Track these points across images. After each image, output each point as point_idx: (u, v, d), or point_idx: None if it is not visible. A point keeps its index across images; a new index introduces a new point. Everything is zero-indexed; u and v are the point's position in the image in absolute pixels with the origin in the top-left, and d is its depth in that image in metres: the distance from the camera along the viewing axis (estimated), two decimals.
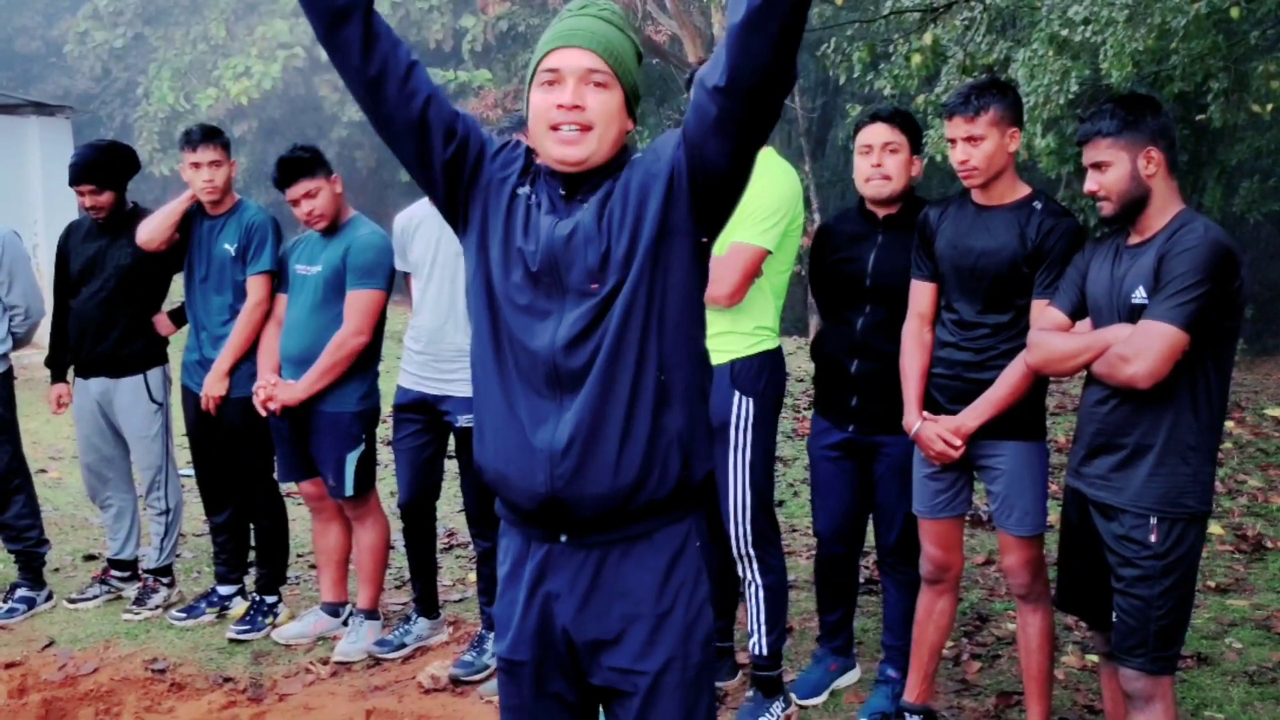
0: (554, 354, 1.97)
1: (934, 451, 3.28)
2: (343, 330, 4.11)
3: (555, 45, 1.98)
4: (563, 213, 2.02)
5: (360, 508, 4.32)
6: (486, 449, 2.08)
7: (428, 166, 2.06)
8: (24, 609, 4.78)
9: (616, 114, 1.99)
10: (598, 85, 1.96)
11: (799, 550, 5.30)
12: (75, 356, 4.77)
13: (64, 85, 27.76)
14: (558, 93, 1.96)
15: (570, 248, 1.98)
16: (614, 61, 1.98)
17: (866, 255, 3.59)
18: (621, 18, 2.05)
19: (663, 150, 2.00)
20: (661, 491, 2.01)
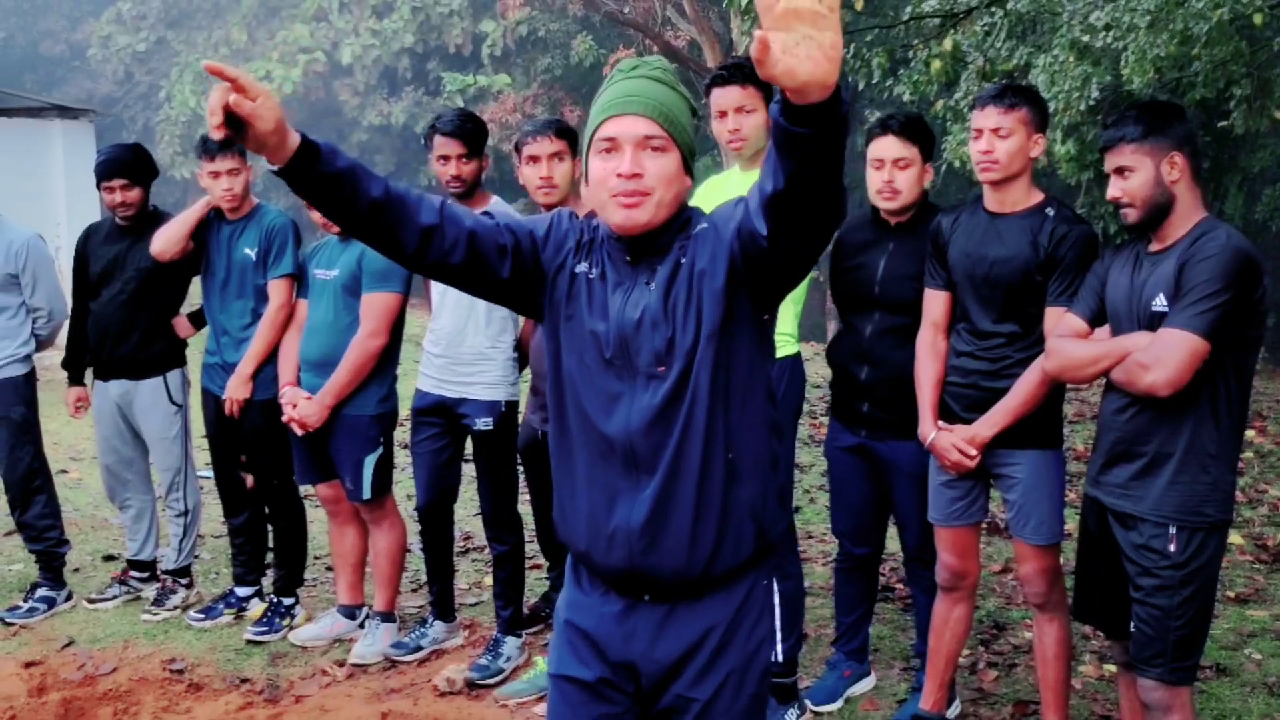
0: (631, 437, 2.02)
1: (949, 461, 3.27)
2: (360, 333, 4.13)
3: (611, 114, 1.98)
4: (628, 283, 2.04)
5: (377, 510, 4.34)
6: (569, 525, 2.15)
7: (496, 292, 2.10)
8: (44, 608, 4.81)
9: (675, 176, 1.99)
10: (655, 150, 1.97)
11: (815, 557, 5.29)
12: (95, 359, 4.80)
13: (87, 89, 27.96)
14: (616, 160, 1.97)
15: (639, 332, 2.01)
16: (669, 125, 1.98)
17: (876, 262, 3.58)
18: (673, 75, 2.05)
19: (723, 229, 1.99)
20: (738, 559, 2.07)
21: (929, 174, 3.56)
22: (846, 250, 3.70)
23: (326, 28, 23.08)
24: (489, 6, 22.40)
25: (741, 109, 3.50)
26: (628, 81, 2.02)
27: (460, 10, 22.59)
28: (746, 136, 3.51)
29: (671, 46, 17.44)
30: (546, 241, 2.11)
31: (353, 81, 23.30)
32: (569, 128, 3.89)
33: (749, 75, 3.50)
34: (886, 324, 3.54)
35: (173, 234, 4.50)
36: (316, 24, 23.23)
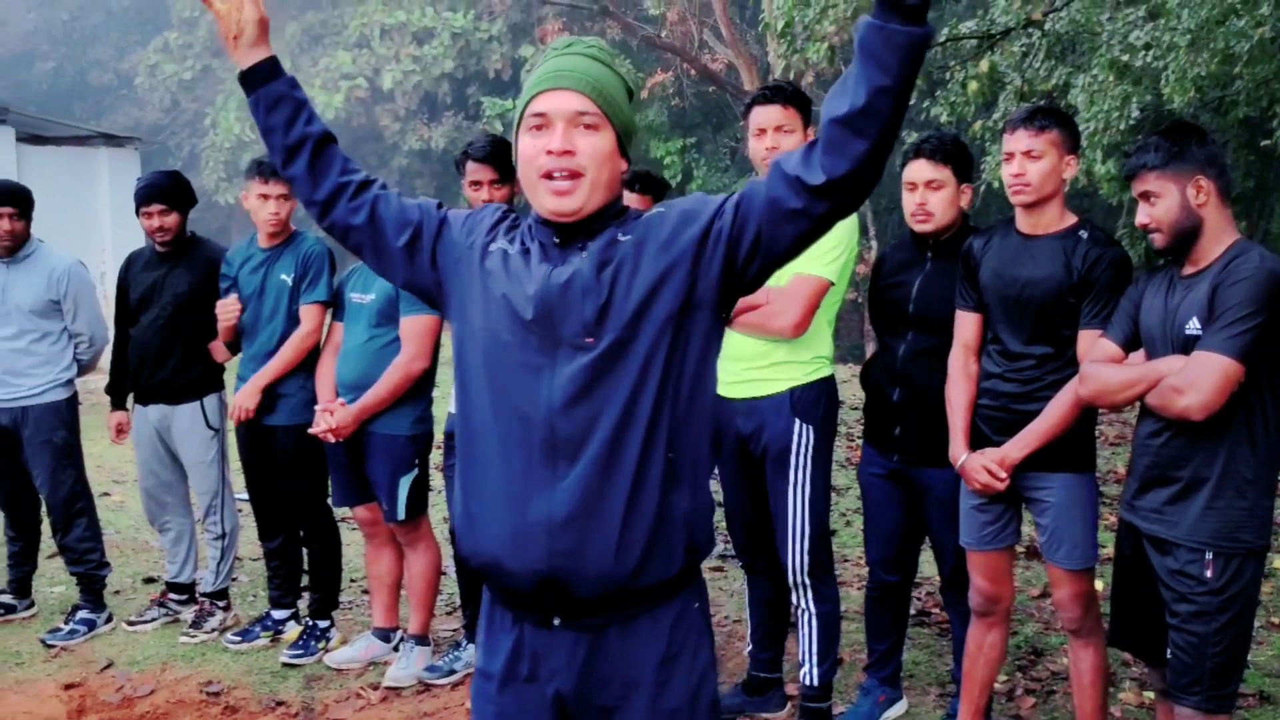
0: (551, 415, 1.87)
1: (979, 483, 3.24)
2: (402, 356, 4.15)
3: (542, 88, 1.91)
4: (556, 260, 1.93)
5: (412, 533, 4.36)
6: (476, 532, 1.96)
7: (385, 257, 2.09)
8: (85, 630, 4.87)
9: (609, 157, 1.91)
10: (588, 128, 1.88)
11: (850, 581, 5.25)
12: (135, 384, 4.87)
13: (134, 116, 28.44)
14: (546, 137, 1.88)
15: (566, 297, 1.88)
16: (604, 102, 1.90)
17: (912, 282, 3.57)
18: (609, 54, 1.99)
19: (691, 217, 1.91)
20: (667, 573, 1.92)
21: (966, 195, 3.55)
22: (885, 269, 3.70)
23: (368, 54, 23.37)
24: (527, 32, 22.60)
25: (780, 128, 3.52)
26: (562, 58, 1.94)
27: (499, 36, 22.80)
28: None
29: (709, 70, 17.52)
30: (460, 224, 2.07)
31: (394, 107, 23.56)
32: None
33: (790, 97, 3.53)
34: (920, 345, 3.52)
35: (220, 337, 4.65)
36: (358, 51, 23.52)
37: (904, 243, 3.73)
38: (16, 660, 4.65)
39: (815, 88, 15.73)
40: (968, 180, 3.55)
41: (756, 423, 3.59)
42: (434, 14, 23.12)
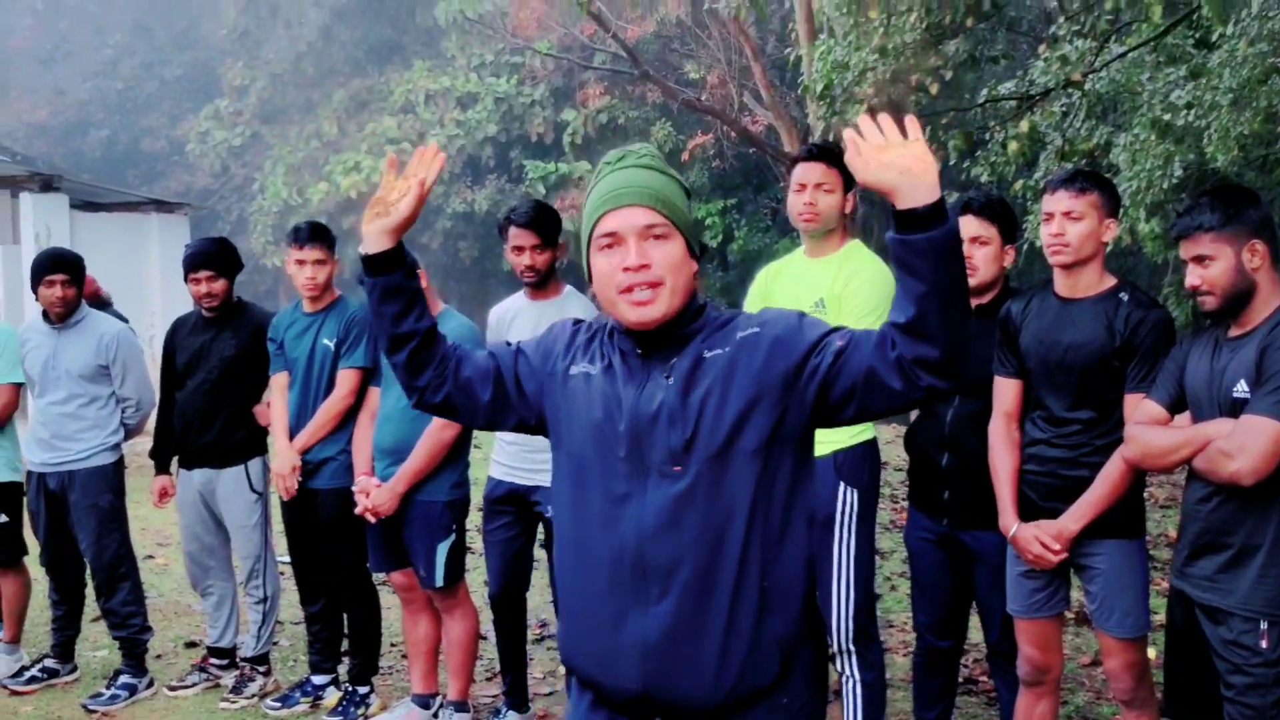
0: (641, 541, 1.90)
1: (1031, 555, 3.18)
2: (433, 423, 4.15)
3: (607, 208, 1.93)
4: (640, 377, 1.96)
5: (450, 598, 4.34)
6: (573, 643, 2.04)
7: (481, 414, 2.12)
8: (126, 695, 4.87)
9: (682, 262, 1.94)
10: (658, 238, 1.92)
11: (895, 647, 5.16)
12: (180, 447, 4.91)
13: (185, 182, 29.05)
14: (620, 254, 1.91)
15: (654, 426, 1.91)
16: (669, 210, 1.93)
17: None
18: (660, 159, 2.01)
19: (785, 348, 1.90)
20: (763, 683, 1.94)
21: (1009, 256, 3.53)
22: None
23: (413, 119, 23.78)
24: (569, 96, 22.91)
25: (821, 185, 3.54)
26: (618, 173, 1.97)
27: (541, 100, 23.13)
28: (820, 213, 3.54)
29: (749, 132, 17.64)
30: (535, 353, 2.09)
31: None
32: None
33: (835, 158, 3.55)
34: (967, 409, 3.48)
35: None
36: (404, 116, 23.95)
37: None
38: None
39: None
40: (1012, 240, 3.54)
41: None
42: (477, 79, 23.53)
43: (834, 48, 9.80)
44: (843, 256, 3.59)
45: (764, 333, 1.93)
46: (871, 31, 9.01)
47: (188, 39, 33.57)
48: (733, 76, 18.38)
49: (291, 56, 27.21)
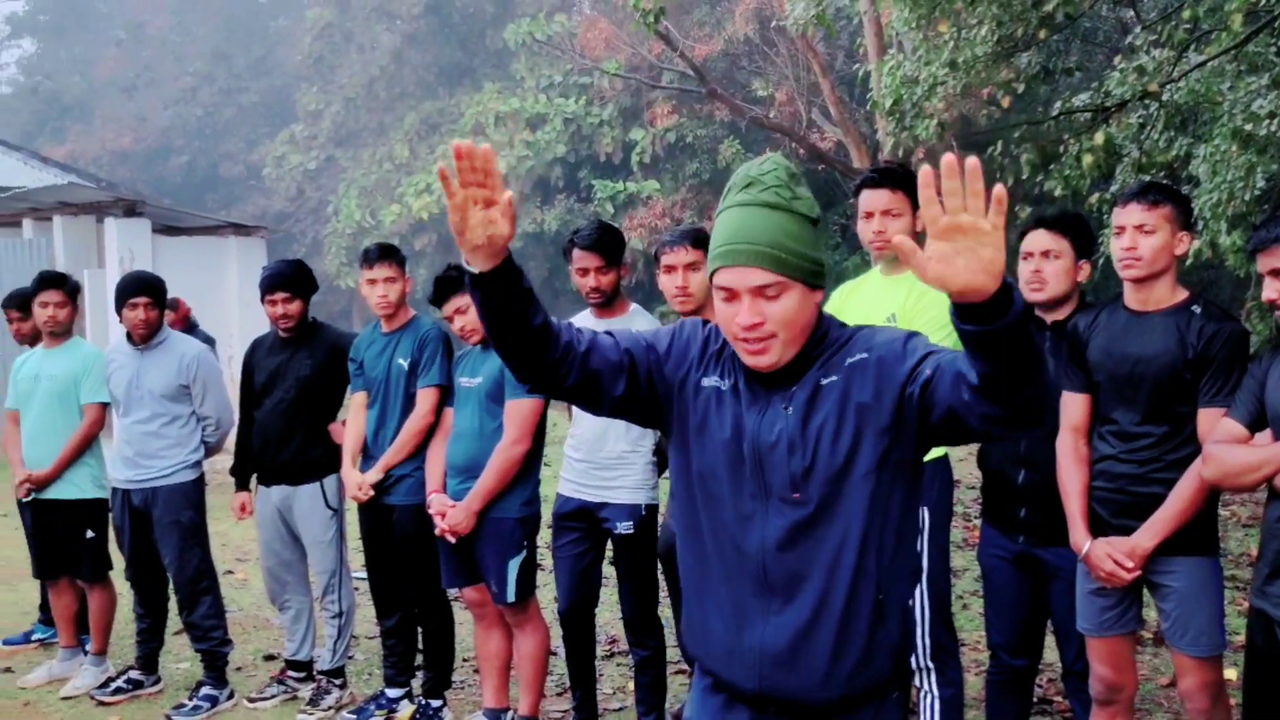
0: (764, 555, 2.00)
1: (1104, 573, 3.14)
2: (505, 439, 4.22)
3: (723, 264, 1.95)
4: (762, 403, 2.01)
5: (521, 614, 4.38)
6: (696, 638, 2.14)
7: (615, 407, 2.11)
8: (208, 707, 4.98)
9: (798, 312, 1.95)
10: (771, 298, 1.93)
11: (968, 666, 5.09)
12: (258, 465, 5.03)
13: (262, 205, 29.66)
14: (735, 308, 1.95)
15: (775, 454, 1.98)
16: (785, 268, 1.93)
17: None
18: (787, 184, 1.97)
19: (888, 373, 1.93)
20: (872, 684, 2.04)
21: (1084, 271, 3.48)
22: None
23: (483, 141, 23.96)
24: (638, 115, 23.02)
25: (888, 212, 3.51)
26: (741, 216, 1.95)
27: (610, 120, 23.27)
28: (890, 239, 3.52)
29: (817, 149, 17.59)
30: (668, 356, 2.10)
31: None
32: (707, 237, 3.91)
33: (899, 180, 3.52)
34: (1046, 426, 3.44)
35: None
36: (474, 138, 24.14)
37: None
38: None
39: (925, 164, 15.65)
40: (1086, 256, 3.49)
41: None
42: (546, 100, 23.74)
43: (903, 62, 9.74)
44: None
45: (870, 358, 1.96)
46: (942, 45, 8.94)
47: (264, 65, 34.37)
48: (801, 93, 18.36)
49: (364, 81, 27.70)
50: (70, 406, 5.28)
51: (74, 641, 5.52)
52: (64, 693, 5.23)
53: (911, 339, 1.97)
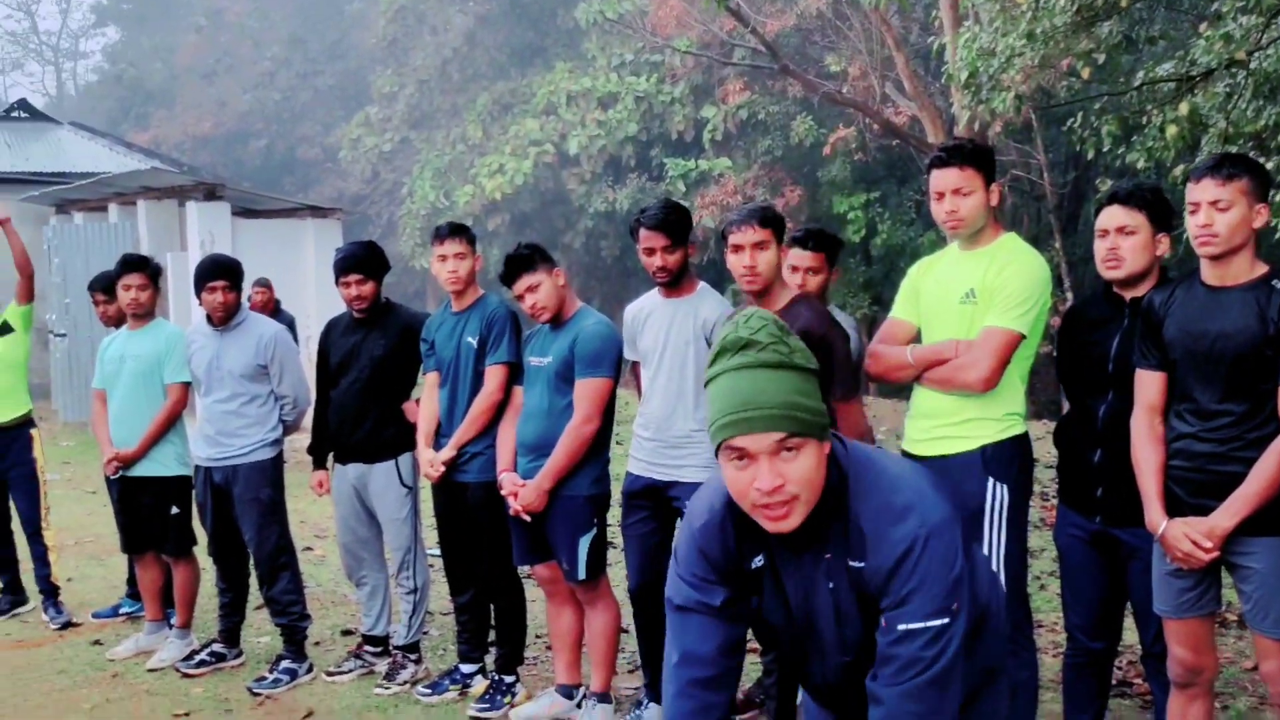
0: (829, 685, 2.16)
1: (1181, 553, 3.07)
2: (574, 419, 4.24)
3: (735, 433, 1.89)
4: (800, 573, 2.05)
5: (592, 591, 4.41)
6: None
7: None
8: (287, 680, 5.09)
9: (817, 467, 1.92)
10: (791, 450, 1.89)
11: (1045, 648, 5.03)
12: (334, 443, 5.11)
13: (338, 187, 30.08)
14: (751, 472, 1.89)
15: (817, 629, 2.07)
16: (798, 424, 1.89)
17: (1110, 340, 3.44)
18: (784, 343, 1.95)
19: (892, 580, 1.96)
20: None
21: (1163, 244, 3.40)
22: (1079, 327, 3.57)
23: (555, 121, 24.11)
24: (709, 93, 22.92)
25: (959, 191, 3.46)
26: (745, 379, 1.90)
27: (682, 98, 23.20)
28: (964, 218, 3.47)
29: (892, 124, 17.36)
30: (723, 576, 2.10)
31: (580, 170, 24.19)
32: (775, 215, 3.89)
33: (968, 156, 3.47)
34: (1122, 405, 3.37)
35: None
36: (546, 118, 24.31)
37: (1098, 298, 3.60)
38: (226, 707, 4.90)
39: (1002, 137, 15.39)
40: (1165, 230, 3.41)
41: (948, 483, 3.48)
42: (618, 79, 23.72)
43: (979, 34, 9.57)
44: (995, 249, 3.51)
45: (868, 568, 1.97)
46: (1019, 16, 8.76)
47: (339, 49, 34.79)
48: (874, 67, 18.13)
49: (438, 62, 27.91)
50: (154, 386, 5.41)
51: (160, 615, 5.68)
52: (150, 665, 5.38)
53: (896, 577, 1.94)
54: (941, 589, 1.90)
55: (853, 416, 3.76)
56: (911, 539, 1.90)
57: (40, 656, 5.63)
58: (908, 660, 1.90)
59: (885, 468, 2.01)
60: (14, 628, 6.14)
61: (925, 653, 1.90)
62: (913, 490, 1.97)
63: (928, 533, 1.91)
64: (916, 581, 1.90)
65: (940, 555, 1.91)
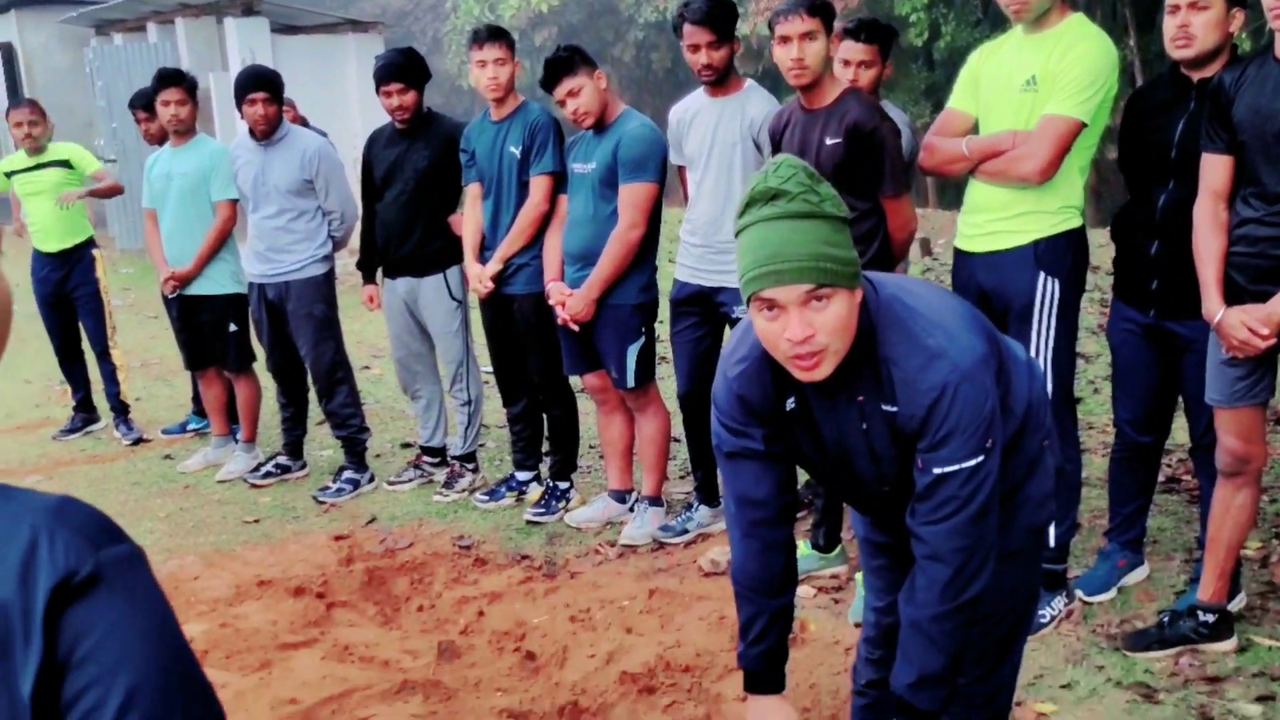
0: (871, 514, 2.29)
1: (1236, 340, 3.01)
2: (620, 225, 4.21)
3: (764, 286, 1.85)
4: (834, 414, 2.05)
5: (641, 399, 4.46)
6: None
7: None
8: (350, 489, 5.26)
9: (848, 316, 1.88)
10: (821, 300, 1.85)
11: (1094, 448, 5.05)
12: (382, 258, 5.13)
13: (380, 3, 29.38)
14: (781, 324, 1.86)
15: (856, 458, 2.08)
16: (830, 274, 1.84)
17: (1174, 124, 3.30)
18: (814, 192, 1.86)
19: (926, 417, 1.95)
20: None
21: (1237, 20, 3.19)
22: (1142, 111, 3.43)
23: None
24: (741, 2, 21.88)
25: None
26: (774, 230, 1.85)
27: None
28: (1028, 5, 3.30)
29: None
30: (761, 419, 2.10)
31: None
32: (824, 4, 3.72)
33: None
34: (1183, 193, 3.25)
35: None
36: None
37: (1163, 81, 3.44)
38: (293, 515, 5.09)
39: None
40: (1240, 4, 3.22)
41: (999, 278, 3.45)
42: None
43: None
44: (1060, 32, 3.32)
45: (900, 415, 1.98)
46: None
47: None
48: None
49: None
50: (202, 203, 5.44)
51: (225, 430, 5.85)
52: (219, 477, 5.59)
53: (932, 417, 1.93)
54: (974, 431, 1.92)
55: (902, 213, 3.69)
56: (942, 386, 1.90)
57: (115, 470, 5.86)
58: (946, 498, 1.95)
59: (915, 310, 1.98)
60: (88, 444, 6.38)
61: (962, 491, 1.94)
62: (944, 333, 1.94)
63: (959, 379, 1.90)
64: (950, 427, 1.91)
65: (972, 399, 1.91)
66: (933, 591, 1.98)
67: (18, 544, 0.82)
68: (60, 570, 0.81)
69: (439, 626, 3.94)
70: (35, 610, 0.80)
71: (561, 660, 3.58)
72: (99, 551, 0.83)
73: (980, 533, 1.97)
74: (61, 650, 0.80)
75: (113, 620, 0.82)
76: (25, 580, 0.81)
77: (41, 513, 0.84)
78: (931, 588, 1.98)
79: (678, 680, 3.33)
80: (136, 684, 0.81)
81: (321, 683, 3.41)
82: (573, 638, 3.71)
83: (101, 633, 0.81)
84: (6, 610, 0.79)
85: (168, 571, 4.41)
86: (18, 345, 8.66)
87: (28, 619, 0.80)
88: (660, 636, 3.64)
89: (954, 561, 1.96)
